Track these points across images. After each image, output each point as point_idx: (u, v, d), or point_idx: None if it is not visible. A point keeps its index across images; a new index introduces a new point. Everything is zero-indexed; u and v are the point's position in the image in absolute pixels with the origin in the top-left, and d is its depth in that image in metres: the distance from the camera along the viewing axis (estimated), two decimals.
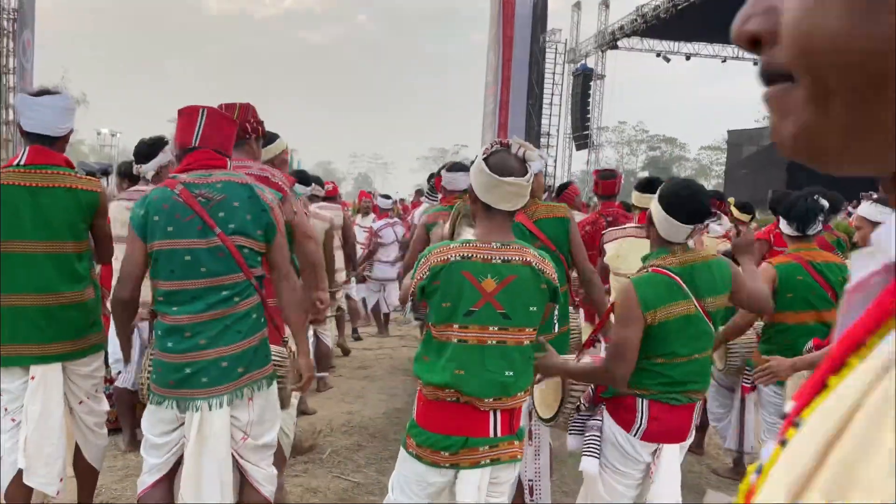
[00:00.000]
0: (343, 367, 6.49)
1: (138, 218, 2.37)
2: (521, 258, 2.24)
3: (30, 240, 2.69)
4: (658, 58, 25.88)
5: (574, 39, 29.25)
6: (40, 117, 2.73)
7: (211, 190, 2.36)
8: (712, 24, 23.07)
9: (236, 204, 2.37)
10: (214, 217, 2.33)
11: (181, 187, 2.36)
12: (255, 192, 2.40)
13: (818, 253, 3.50)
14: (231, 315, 2.35)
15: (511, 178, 2.19)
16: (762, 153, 28.02)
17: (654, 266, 2.45)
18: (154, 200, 2.37)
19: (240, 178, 2.43)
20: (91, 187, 2.81)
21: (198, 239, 2.32)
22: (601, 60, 27.37)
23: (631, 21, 23.78)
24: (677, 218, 2.43)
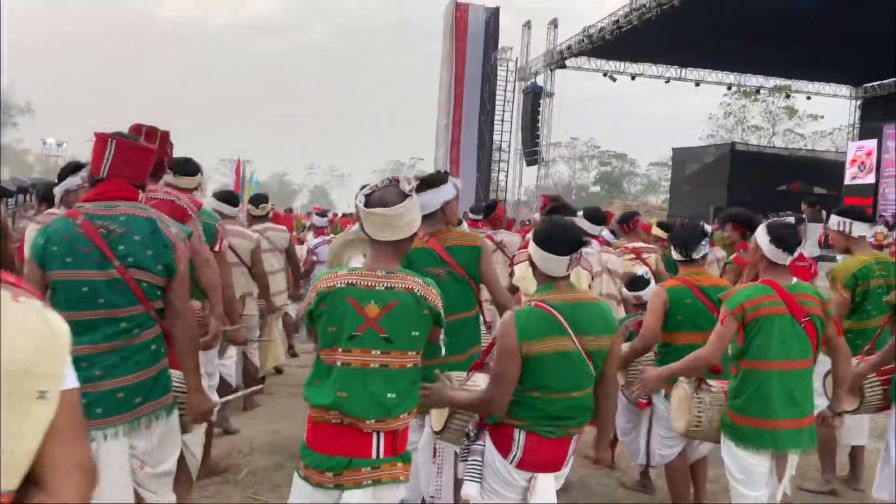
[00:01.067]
0: (275, 385, 6.53)
1: (38, 247, 2.39)
2: (404, 285, 2.37)
3: None
4: (605, 77, 26.57)
5: (524, 58, 29.78)
6: None
7: (113, 222, 2.37)
8: (655, 46, 23.86)
9: (137, 238, 2.38)
10: (114, 249, 2.35)
11: (83, 218, 2.38)
12: (158, 228, 2.42)
13: (706, 276, 3.72)
14: (129, 347, 2.37)
15: (377, 210, 2.34)
16: (704, 170, 28.91)
17: (536, 300, 2.59)
18: (55, 231, 2.38)
19: (145, 212, 2.44)
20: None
21: (96, 271, 2.33)
22: (550, 79, 27.93)
23: (578, 41, 24.40)
24: (553, 252, 2.58)
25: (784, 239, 3.04)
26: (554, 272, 2.61)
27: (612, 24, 21.68)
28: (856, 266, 4.13)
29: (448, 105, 31.32)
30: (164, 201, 3.20)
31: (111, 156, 2.41)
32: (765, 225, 3.14)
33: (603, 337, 2.60)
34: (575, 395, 2.57)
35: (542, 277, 2.66)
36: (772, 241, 3.05)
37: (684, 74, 27.50)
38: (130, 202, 2.45)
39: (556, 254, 2.57)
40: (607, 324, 2.64)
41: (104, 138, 2.42)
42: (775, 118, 45.89)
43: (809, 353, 3.01)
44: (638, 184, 76.29)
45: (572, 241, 2.60)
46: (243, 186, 40.98)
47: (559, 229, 2.62)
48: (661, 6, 19.31)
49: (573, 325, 2.53)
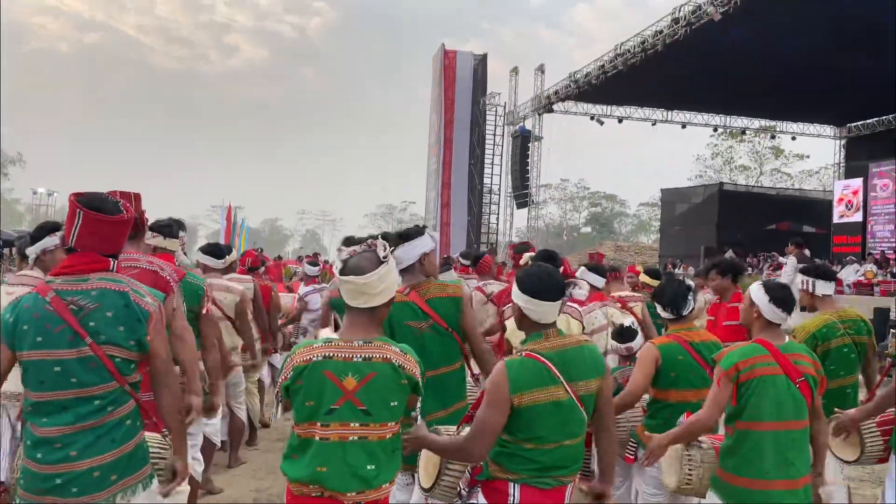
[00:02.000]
0: (261, 438, 6.37)
1: (7, 325, 2.31)
2: (382, 355, 2.33)
3: None
4: (592, 120, 26.91)
5: (512, 102, 30.20)
6: None
7: (84, 297, 2.30)
8: (641, 90, 24.24)
9: (110, 314, 2.32)
10: (85, 326, 2.28)
11: (53, 294, 2.30)
12: (131, 301, 2.35)
13: (696, 332, 3.67)
14: (104, 424, 2.30)
15: (350, 277, 2.32)
16: (693, 210, 29.14)
17: (527, 350, 2.55)
18: (24, 309, 2.31)
19: (117, 285, 2.37)
20: None
21: (68, 349, 2.26)
22: (538, 123, 28.27)
23: (565, 86, 24.76)
24: (542, 298, 2.55)
25: (784, 300, 3.03)
26: (543, 319, 2.58)
27: (598, 69, 22.04)
28: (816, 326, 4.04)
29: (438, 149, 31.62)
30: (147, 272, 3.15)
31: (78, 226, 2.33)
32: (761, 285, 3.12)
33: (593, 380, 2.59)
34: (568, 444, 2.53)
35: (530, 326, 2.63)
36: (771, 301, 3.03)
37: (670, 117, 27.88)
38: (102, 273, 2.38)
39: (545, 300, 2.55)
40: (597, 365, 2.62)
41: (72, 208, 2.34)
42: (762, 158, 46.56)
43: (805, 414, 2.97)
44: (628, 224, 76.83)
45: (559, 286, 2.58)
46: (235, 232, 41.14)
47: (545, 275, 2.60)
48: (645, 52, 19.66)
49: (564, 373, 2.50)
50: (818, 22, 17.08)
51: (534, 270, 2.64)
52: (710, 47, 18.87)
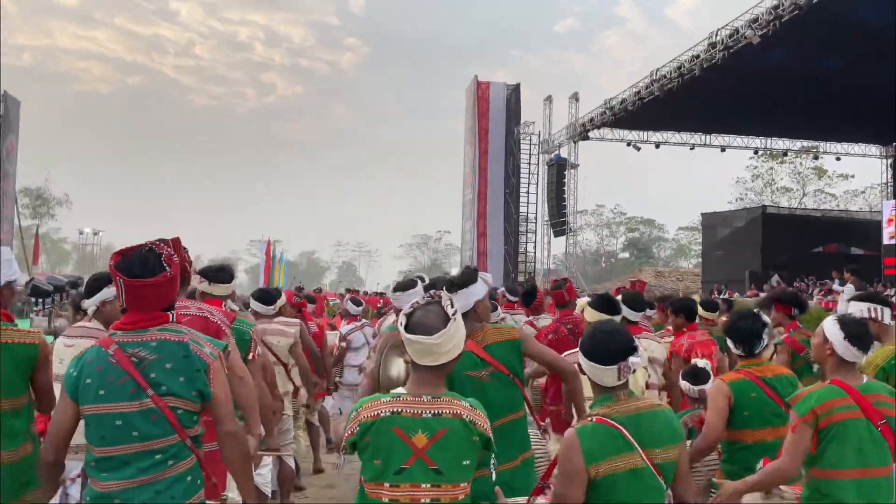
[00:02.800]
0: (311, 485, 6.26)
1: (71, 379, 2.31)
2: (452, 411, 2.22)
3: None
4: (629, 147, 26.71)
5: (547, 131, 30.18)
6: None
7: (144, 349, 2.29)
8: (678, 114, 24.01)
9: (169, 365, 2.29)
10: (147, 378, 2.26)
11: (115, 347, 2.30)
12: (190, 351, 2.33)
13: (767, 367, 3.48)
14: (164, 479, 2.26)
15: (418, 337, 2.22)
16: (736, 235, 28.58)
17: (598, 415, 2.41)
18: (88, 363, 2.31)
19: (176, 335, 2.35)
20: (29, 340, 2.85)
21: (129, 402, 2.25)
22: (574, 150, 28.16)
23: (600, 113, 24.66)
24: (600, 362, 2.42)
25: (860, 337, 2.85)
26: (605, 382, 2.46)
27: (634, 95, 21.90)
28: (884, 358, 3.70)
29: (473, 179, 31.66)
30: (197, 318, 3.12)
31: (124, 294, 2.33)
32: (836, 320, 2.93)
33: (671, 447, 2.44)
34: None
35: (597, 388, 2.49)
36: (846, 338, 2.84)
37: (709, 140, 27.52)
38: (161, 325, 2.36)
39: (604, 364, 2.43)
40: (674, 433, 2.47)
41: (114, 275, 2.32)
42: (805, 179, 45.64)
43: (889, 459, 2.78)
44: (667, 248, 75.88)
45: (620, 349, 2.44)
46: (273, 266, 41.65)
47: (605, 337, 2.47)
48: (682, 76, 19.49)
49: (639, 439, 2.36)
50: (858, 40, 16.74)
51: (594, 331, 2.53)
52: (749, 70, 18.64)
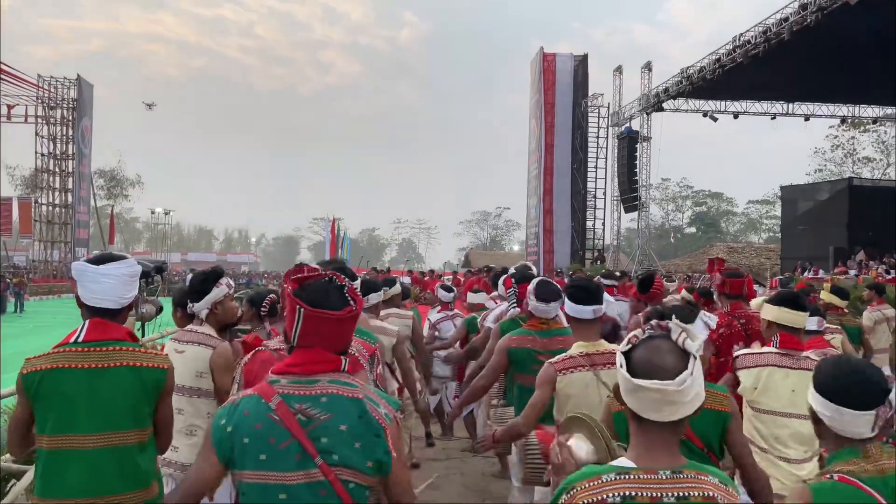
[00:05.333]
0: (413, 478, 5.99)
1: (222, 432, 1.87)
2: (702, 492, 1.62)
3: (84, 433, 2.35)
4: (705, 117, 25.54)
5: (617, 103, 29.14)
6: (103, 290, 2.47)
7: (313, 405, 1.87)
8: (760, 83, 22.74)
9: (343, 427, 1.86)
10: (316, 442, 1.84)
11: (279, 400, 1.87)
12: (366, 411, 1.89)
13: None
14: None
15: (654, 383, 1.60)
16: (819, 208, 27.08)
17: (842, 474, 1.88)
18: (244, 417, 1.87)
19: (350, 390, 1.91)
20: (158, 363, 2.49)
21: (295, 472, 1.83)
22: (647, 122, 27.11)
23: (676, 83, 23.57)
24: (851, 406, 1.89)
25: None
26: (855, 432, 1.91)
27: (714, 62, 20.78)
28: None
29: (538, 154, 30.92)
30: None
31: (300, 326, 1.91)
32: None
33: None
34: None
35: (836, 439, 1.95)
36: None
37: (792, 109, 26.07)
38: (332, 375, 1.93)
39: (856, 408, 1.89)
40: None
41: (293, 303, 1.90)
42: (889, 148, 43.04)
43: None
44: (736, 223, 73.36)
45: (878, 390, 1.90)
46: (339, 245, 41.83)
47: (856, 376, 1.94)
48: (768, 41, 18.33)
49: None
50: None
51: (839, 364, 1.99)
52: (842, 32, 17.33)
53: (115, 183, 58.30)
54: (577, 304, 3.12)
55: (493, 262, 28.38)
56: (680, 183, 71.02)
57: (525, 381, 3.60)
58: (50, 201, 40.12)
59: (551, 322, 3.75)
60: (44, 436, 2.37)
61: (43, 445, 2.37)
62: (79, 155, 39.74)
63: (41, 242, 40.80)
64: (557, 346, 3.58)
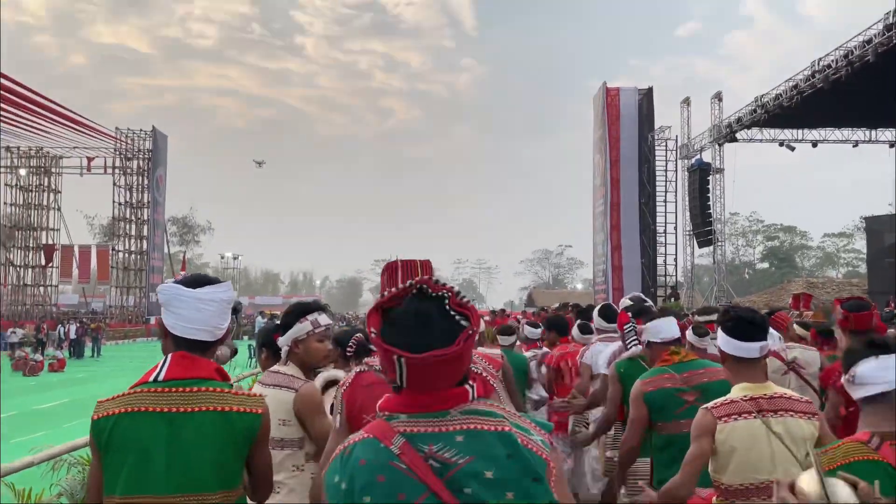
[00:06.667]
0: None
1: (337, 492, 1.47)
2: None
3: (161, 494, 1.95)
4: (781, 147, 24.52)
5: (685, 135, 28.35)
6: (198, 317, 2.08)
7: (447, 446, 1.44)
8: (841, 109, 21.70)
9: (489, 474, 1.42)
10: (458, 494, 1.41)
11: (401, 441, 1.45)
12: (517, 446, 1.45)
13: None
14: None
15: None
16: None
17: None
18: (360, 468, 1.45)
19: (493, 422, 1.47)
20: (250, 407, 2.07)
21: None
22: (718, 154, 26.21)
23: (750, 112, 22.73)
24: None
25: None
26: None
27: (791, 88, 19.95)
28: None
29: (604, 190, 30.26)
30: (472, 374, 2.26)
31: (404, 374, 1.46)
32: None
33: None
34: None
35: None
36: None
37: (877, 136, 24.77)
38: (464, 405, 1.49)
39: None
40: None
41: (387, 352, 1.45)
42: None
43: None
44: (812, 257, 70.22)
45: None
46: None
47: None
48: (850, 65, 17.46)
49: None
50: None
51: None
52: None
53: (186, 229, 60.20)
54: (739, 341, 2.59)
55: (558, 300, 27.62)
56: (750, 217, 68.71)
57: (671, 429, 3.11)
58: (126, 248, 41.57)
59: (683, 352, 3.27)
60: (114, 497, 1.96)
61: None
62: (153, 203, 41.21)
63: (117, 288, 42.16)
64: (702, 381, 3.13)
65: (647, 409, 3.17)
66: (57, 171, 42.65)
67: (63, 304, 47.46)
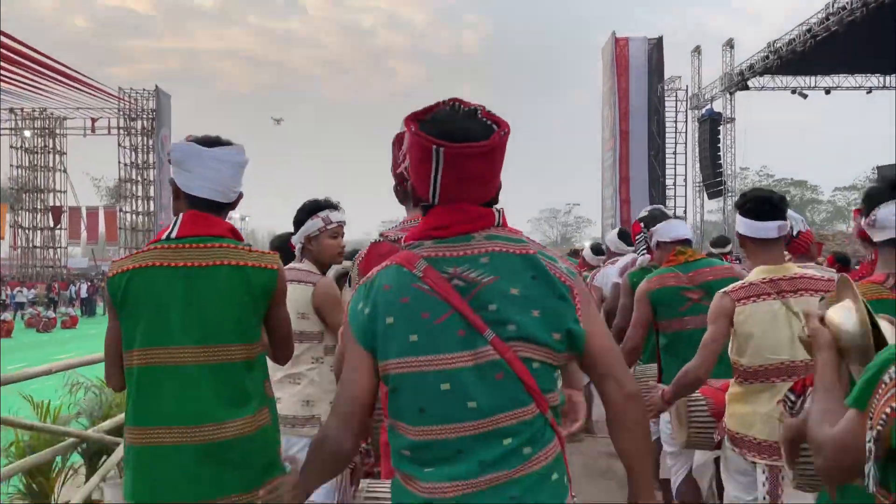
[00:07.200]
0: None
1: (360, 318, 1.47)
2: None
3: (180, 345, 1.93)
4: (793, 95, 24.12)
5: (696, 85, 27.92)
6: (214, 176, 2.04)
7: (472, 267, 1.43)
8: (855, 55, 21.25)
9: (515, 291, 1.41)
10: (482, 312, 1.40)
11: (424, 265, 1.44)
12: (542, 266, 1.44)
13: None
14: (521, 479, 1.39)
15: None
16: None
17: None
18: (384, 291, 1.45)
19: (517, 246, 1.47)
20: (266, 263, 2.04)
21: (460, 352, 1.40)
22: (730, 103, 25.84)
23: (762, 58, 22.30)
24: None
25: None
26: None
27: (805, 32, 19.51)
28: None
29: (613, 142, 29.94)
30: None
31: (440, 172, 1.43)
32: None
33: None
34: None
35: None
36: None
37: (889, 83, 24.32)
38: (489, 230, 1.49)
39: None
40: None
41: (421, 143, 1.42)
42: None
43: None
44: (822, 212, 69.71)
45: None
46: None
47: None
48: (866, 5, 17.03)
49: None
50: None
51: None
52: None
53: None
54: (756, 221, 2.54)
55: None
56: (760, 172, 68.06)
57: (675, 326, 3.13)
58: (133, 209, 41.61)
59: (689, 252, 3.27)
60: (133, 351, 1.96)
61: (133, 363, 1.96)
62: (159, 164, 41.05)
63: (126, 249, 42.38)
64: (707, 279, 3.13)
65: (650, 309, 3.20)
66: (61, 133, 42.53)
67: (73, 266, 47.77)
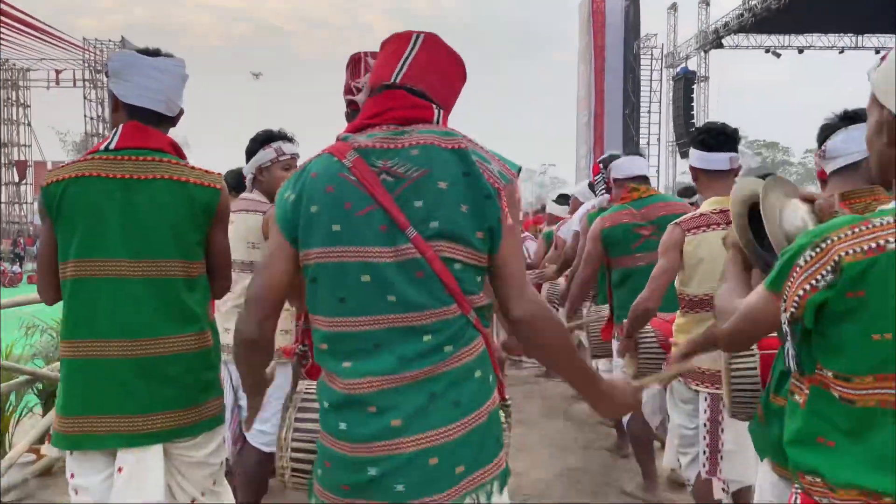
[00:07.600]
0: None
1: (286, 206, 1.47)
2: None
3: (117, 257, 1.88)
4: (767, 54, 24.12)
5: (672, 43, 27.78)
6: (155, 86, 1.97)
7: (402, 160, 1.41)
8: (829, 14, 21.21)
9: (443, 185, 1.40)
10: (407, 208, 1.39)
11: (355, 156, 1.42)
12: (472, 165, 1.42)
13: None
14: (441, 376, 1.40)
15: None
16: None
17: None
18: (312, 180, 1.44)
19: (451, 140, 1.45)
20: (210, 182, 2.01)
21: (381, 247, 1.39)
22: (704, 62, 25.78)
23: (737, 16, 22.19)
24: None
25: None
26: None
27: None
28: None
29: (588, 101, 29.85)
30: None
31: (413, 55, 1.50)
32: None
33: None
34: None
35: None
36: None
37: (862, 42, 24.41)
38: (426, 125, 1.47)
39: None
40: None
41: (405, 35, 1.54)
42: None
43: None
44: (793, 173, 70.71)
45: None
46: None
47: None
48: None
49: None
50: None
51: None
52: None
53: None
54: (708, 152, 2.54)
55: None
56: None
57: (627, 263, 3.14)
58: None
59: (643, 188, 3.27)
60: (69, 262, 1.90)
61: (68, 275, 1.90)
62: None
63: None
64: (660, 214, 3.15)
65: (602, 246, 3.20)
66: (25, 85, 41.18)
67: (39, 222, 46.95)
